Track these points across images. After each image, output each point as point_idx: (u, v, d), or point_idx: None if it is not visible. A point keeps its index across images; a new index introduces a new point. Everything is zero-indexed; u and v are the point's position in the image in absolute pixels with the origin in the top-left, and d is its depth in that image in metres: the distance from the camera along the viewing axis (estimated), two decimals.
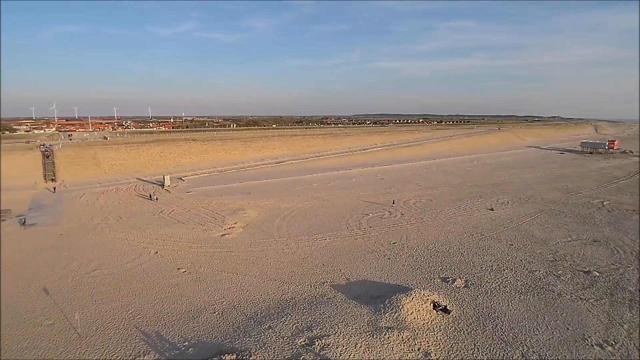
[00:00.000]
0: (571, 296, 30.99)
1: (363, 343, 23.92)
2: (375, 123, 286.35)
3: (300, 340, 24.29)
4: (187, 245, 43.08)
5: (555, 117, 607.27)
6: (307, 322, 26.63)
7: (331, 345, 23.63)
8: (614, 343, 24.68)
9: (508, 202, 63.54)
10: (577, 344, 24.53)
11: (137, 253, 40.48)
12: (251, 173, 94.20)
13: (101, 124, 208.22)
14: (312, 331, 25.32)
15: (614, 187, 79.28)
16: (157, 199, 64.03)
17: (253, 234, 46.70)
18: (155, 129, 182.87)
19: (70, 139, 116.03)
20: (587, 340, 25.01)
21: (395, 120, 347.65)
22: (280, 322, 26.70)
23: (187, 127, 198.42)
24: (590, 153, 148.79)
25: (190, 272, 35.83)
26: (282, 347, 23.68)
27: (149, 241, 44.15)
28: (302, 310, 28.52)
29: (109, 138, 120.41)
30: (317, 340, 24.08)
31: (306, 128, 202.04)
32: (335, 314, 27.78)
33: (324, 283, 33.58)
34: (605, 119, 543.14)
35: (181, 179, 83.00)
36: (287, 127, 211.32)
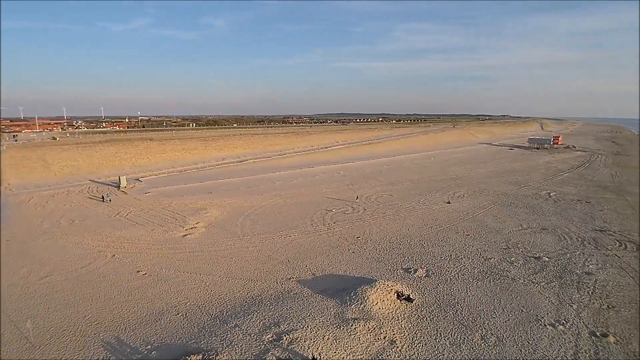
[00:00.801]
0: (524, 280, 33.00)
1: (330, 335, 24.25)
2: (336, 122, 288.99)
3: (267, 337, 24.22)
4: (146, 247, 41.57)
5: (504, 115, 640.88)
6: (274, 318, 26.59)
7: (299, 339, 23.77)
8: (565, 322, 26.46)
9: (463, 195, 66.44)
10: (532, 325, 26.15)
11: (93, 257, 38.57)
12: (212, 172, 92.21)
13: (49, 124, 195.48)
14: (279, 327, 25.33)
15: (559, 179, 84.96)
16: (110, 200, 61.17)
17: (216, 234, 45.85)
18: (109, 129, 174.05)
19: (16, 140, 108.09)
20: (541, 320, 26.69)
21: (356, 120, 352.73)
22: (247, 319, 26.49)
23: (143, 127, 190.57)
24: (537, 148, 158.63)
25: (150, 275, 34.63)
26: (249, 344, 23.51)
27: (105, 244, 42.18)
28: (269, 306, 28.43)
29: (58, 138, 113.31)
30: (285, 335, 24.12)
31: (268, 127, 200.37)
32: (302, 308, 27.94)
33: (290, 279, 33.62)
34: (550, 117, 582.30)
35: (138, 179, 79.78)
36: (248, 126, 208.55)
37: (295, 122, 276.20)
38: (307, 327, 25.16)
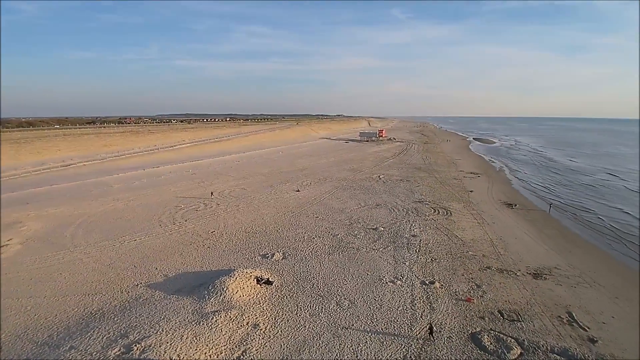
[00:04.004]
0: (366, 249, 37.41)
1: (189, 333, 22.89)
2: (181, 122, 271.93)
3: (114, 351, 21.39)
4: None
5: (340, 115, 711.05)
6: (121, 329, 23.62)
7: (153, 345, 21.69)
8: (401, 277, 31.18)
9: (310, 184, 71.27)
10: (376, 284, 29.91)
11: None
12: (29, 180, 75.94)
13: None
14: (127, 338, 22.63)
15: (385, 164, 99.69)
16: None
17: (38, 249, 37.99)
18: None
19: None
20: (383, 279, 30.77)
21: (203, 120, 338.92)
22: (86, 338, 22.82)
23: None
24: (367, 141, 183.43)
25: None
26: None
27: None
28: (113, 319, 25.09)
29: None
30: (135, 345, 21.71)
31: (100, 127, 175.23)
32: (155, 313, 25.58)
33: (137, 285, 30.30)
34: (375, 116, 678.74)
35: None
36: (74, 127, 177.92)
37: (134, 122, 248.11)
38: (162, 330, 23.17)
